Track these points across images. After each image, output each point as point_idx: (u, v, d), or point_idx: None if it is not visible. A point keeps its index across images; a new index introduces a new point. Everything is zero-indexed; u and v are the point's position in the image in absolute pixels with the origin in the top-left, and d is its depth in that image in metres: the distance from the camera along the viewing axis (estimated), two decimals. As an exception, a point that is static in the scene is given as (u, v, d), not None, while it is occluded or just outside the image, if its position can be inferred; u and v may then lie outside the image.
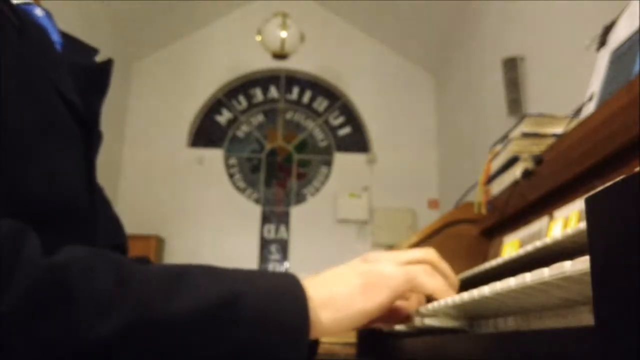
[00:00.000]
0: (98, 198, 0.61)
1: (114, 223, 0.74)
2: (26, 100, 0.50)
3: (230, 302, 0.43)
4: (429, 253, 0.58)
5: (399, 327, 0.64)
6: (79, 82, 0.59)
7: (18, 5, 0.58)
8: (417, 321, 0.57)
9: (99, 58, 0.67)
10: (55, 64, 0.57)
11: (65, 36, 0.64)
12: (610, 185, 0.26)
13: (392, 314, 0.59)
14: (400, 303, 0.60)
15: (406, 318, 0.60)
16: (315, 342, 0.58)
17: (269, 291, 0.45)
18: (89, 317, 0.39)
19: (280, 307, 0.44)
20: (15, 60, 0.50)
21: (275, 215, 4.85)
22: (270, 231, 4.80)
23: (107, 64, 0.65)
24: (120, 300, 0.40)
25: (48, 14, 0.63)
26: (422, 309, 0.56)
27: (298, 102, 5.10)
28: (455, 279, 0.60)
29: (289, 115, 5.10)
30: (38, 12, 0.62)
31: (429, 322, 0.55)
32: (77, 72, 0.60)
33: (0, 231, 0.40)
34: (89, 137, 0.59)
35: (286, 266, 4.71)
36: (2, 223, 0.41)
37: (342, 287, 0.50)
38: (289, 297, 0.45)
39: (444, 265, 0.59)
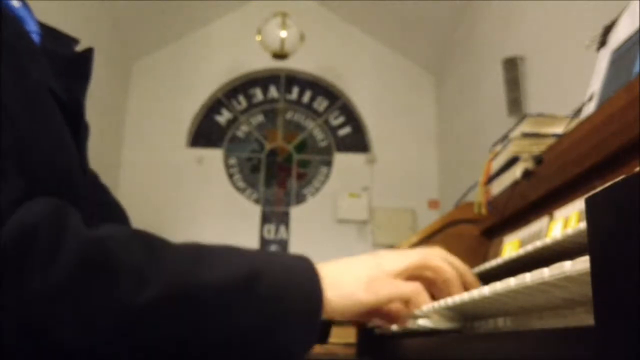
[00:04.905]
0: (90, 184, 0.62)
1: (114, 207, 0.74)
2: (17, 88, 0.49)
3: (252, 277, 0.47)
4: (437, 256, 0.62)
5: (396, 328, 0.64)
6: (60, 71, 0.58)
7: None
8: (410, 323, 0.58)
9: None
10: (33, 54, 0.56)
11: (44, 27, 0.64)
12: (610, 185, 0.26)
13: (388, 315, 0.61)
14: (396, 305, 0.62)
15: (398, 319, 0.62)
16: (329, 326, 0.63)
17: (285, 269, 0.50)
18: (130, 286, 0.43)
19: (297, 283, 0.49)
20: (3, 49, 0.50)
21: (275, 215, 4.85)
22: (270, 231, 4.80)
23: (88, 53, 0.65)
24: (156, 272, 0.44)
25: (25, 4, 0.63)
26: (417, 311, 0.57)
27: (298, 102, 5.10)
28: (469, 273, 0.63)
29: (288, 115, 5.09)
30: (14, 3, 0.61)
31: (422, 323, 0.56)
32: (57, 61, 0.59)
33: (43, 206, 0.43)
34: (75, 127, 0.58)
35: (286, 266, 4.70)
36: (42, 199, 0.44)
37: (351, 276, 0.56)
38: (304, 275, 0.50)
39: (454, 262, 0.62)
